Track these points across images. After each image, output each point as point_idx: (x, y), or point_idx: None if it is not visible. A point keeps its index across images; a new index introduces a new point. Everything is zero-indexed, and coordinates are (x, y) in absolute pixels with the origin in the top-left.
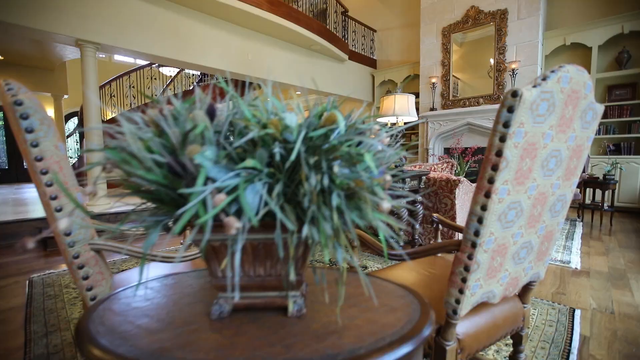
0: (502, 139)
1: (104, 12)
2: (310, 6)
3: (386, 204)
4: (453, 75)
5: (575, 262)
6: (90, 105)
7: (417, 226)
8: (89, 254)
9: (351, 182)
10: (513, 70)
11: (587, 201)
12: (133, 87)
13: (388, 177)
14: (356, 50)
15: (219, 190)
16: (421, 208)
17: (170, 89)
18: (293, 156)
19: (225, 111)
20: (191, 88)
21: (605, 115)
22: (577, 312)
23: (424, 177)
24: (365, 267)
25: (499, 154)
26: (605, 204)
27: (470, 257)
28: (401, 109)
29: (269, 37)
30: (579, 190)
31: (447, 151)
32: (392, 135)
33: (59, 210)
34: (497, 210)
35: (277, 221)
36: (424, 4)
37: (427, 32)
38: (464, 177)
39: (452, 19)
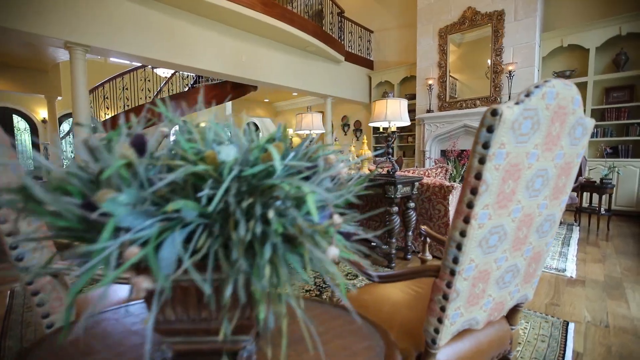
0: (482, 161)
1: (94, 14)
2: (305, 7)
3: (332, 252)
4: (451, 76)
5: (571, 270)
6: (79, 109)
7: (410, 233)
8: (44, 279)
9: (291, 228)
10: (510, 72)
11: (585, 204)
12: (127, 89)
13: (337, 220)
14: (353, 52)
15: (132, 241)
16: (414, 214)
17: (164, 91)
18: (216, 200)
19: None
20: (186, 89)
21: (602, 118)
22: (571, 326)
23: (416, 183)
24: (356, 276)
25: (478, 176)
26: (602, 208)
27: (449, 286)
28: (393, 113)
29: (263, 38)
30: (575, 194)
31: (444, 153)
32: (351, 166)
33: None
34: (477, 236)
35: (208, 272)
36: (421, 5)
37: (423, 33)
38: (460, 180)
39: (449, 20)
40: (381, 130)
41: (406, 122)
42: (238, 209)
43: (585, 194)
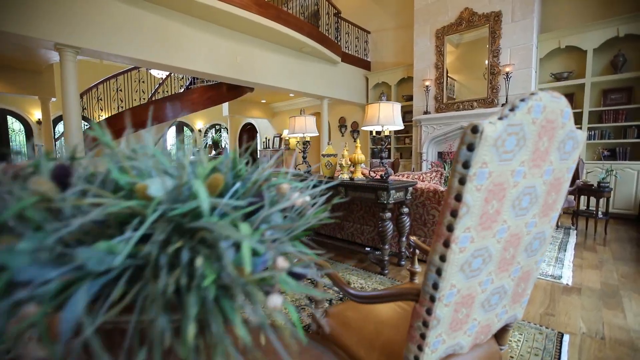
0: (462, 181)
1: (85, 15)
2: (301, 8)
3: (274, 301)
4: (449, 77)
5: (567, 277)
6: (70, 112)
7: (404, 239)
8: None
9: (226, 277)
10: (507, 73)
11: (583, 207)
12: (121, 90)
13: (281, 264)
14: (350, 52)
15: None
16: (408, 219)
17: (160, 92)
18: (126, 249)
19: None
20: (182, 91)
21: (600, 120)
22: (566, 338)
23: (410, 189)
24: (348, 283)
25: (458, 198)
26: (599, 212)
27: (429, 312)
28: (386, 117)
29: (258, 39)
30: (573, 197)
31: (441, 155)
32: (313, 195)
33: None
34: (458, 261)
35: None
36: (418, 5)
37: (420, 34)
38: None
39: (446, 21)
40: (374, 134)
41: (399, 126)
42: (162, 256)
43: (582, 197)
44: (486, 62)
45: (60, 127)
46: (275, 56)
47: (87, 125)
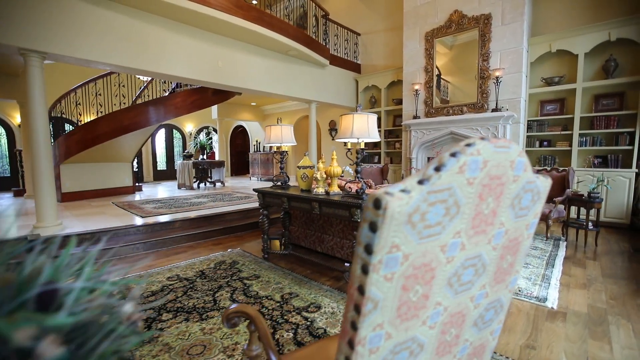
0: (365, 270)
1: (52, 18)
2: (286, 10)
3: None
4: (443, 79)
5: (553, 299)
6: (36, 120)
7: None
8: None
9: None
10: (497, 77)
11: (574, 214)
12: (100, 94)
13: None
14: (339, 55)
15: None
16: None
17: (143, 96)
18: None
19: None
20: (167, 94)
21: (591, 126)
22: None
23: None
24: (319, 307)
25: (362, 290)
26: (590, 223)
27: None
28: (360, 129)
29: (241, 42)
30: (563, 207)
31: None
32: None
33: None
34: None
35: None
36: (407, 7)
37: (410, 37)
38: None
39: (436, 24)
40: (349, 146)
41: (375, 139)
42: None
43: (573, 207)
44: (478, 65)
45: None
46: (259, 60)
47: (70, 127)
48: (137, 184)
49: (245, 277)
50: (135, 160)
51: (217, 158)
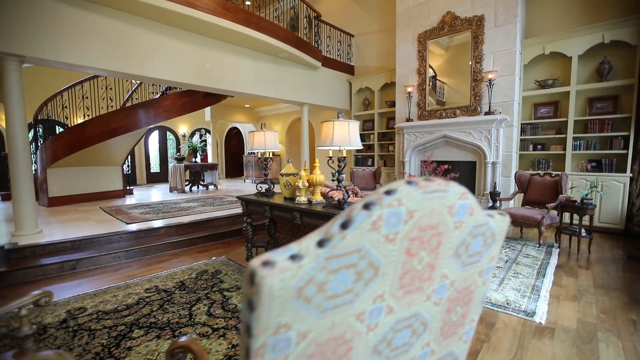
0: (247, 355)
1: (30, 21)
2: (276, 11)
3: None
4: (439, 80)
5: (541, 313)
6: (14, 126)
7: None
8: None
9: None
10: (490, 80)
11: (567, 219)
12: (87, 97)
13: None
14: (331, 57)
15: None
16: None
17: (132, 99)
18: None
19: None
20: (157, 97)
21: (585, 130)
22: None
23: None
24: None
25: None
26: (582, 230)
27: None
28: (340, 137)
29: (229, 45)
30: (556, 212)
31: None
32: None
33: None
34: None
35: None
36: (400, 9)
37: (402, 39)
38: None
39: (428, 25)
40: (330, 154)
41: (357, 147)
42: None
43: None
44: (471, 67)
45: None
46: (248, 62)
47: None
48: (128, 188)
49: (226, 289)
50: (128, 163)
51: (210, 160)
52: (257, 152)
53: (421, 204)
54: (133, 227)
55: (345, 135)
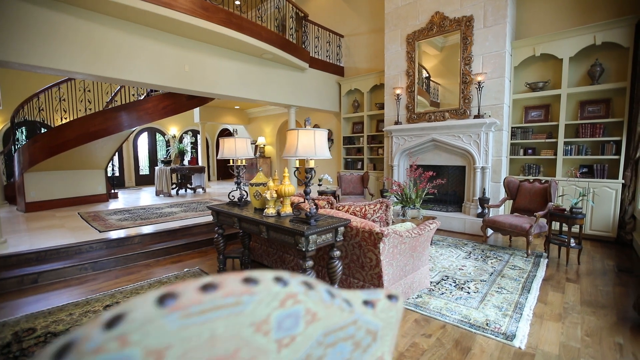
0: None
1: None
2: (258, 10)
3: None
4: (433, 81)
5: (522, 335)
6: None
7: (336, 286)
8: None
9: None
10: (479, 82)
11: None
12: (64, 99)
13: None
14: (320, 58)
15: None
16: (340, 264)
17: (114, 102)
18: None
19: None
20: (142, 98)
21: (577, 134)
22: None
23: (342, 228)
24: None
25: None
26: (572, 240)
27: None
28: (305, 147)
29: (210, 45)
30: (545, 221)
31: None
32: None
33: None
34: None
35: None
36: (388, 9)
37: (391, 39)
38: (419, 205)
39: (417, 26)
40: (297, 165)
41: (324, 157)
42: None
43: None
44: (460, 69)
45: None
46: (231, 64)
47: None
48: (112, 191)
49: None
50: (116, 165)
51: (200, 163)
52: (231, 160)
53: (182, 335)
54: (106, 235)
55: (310, 145)
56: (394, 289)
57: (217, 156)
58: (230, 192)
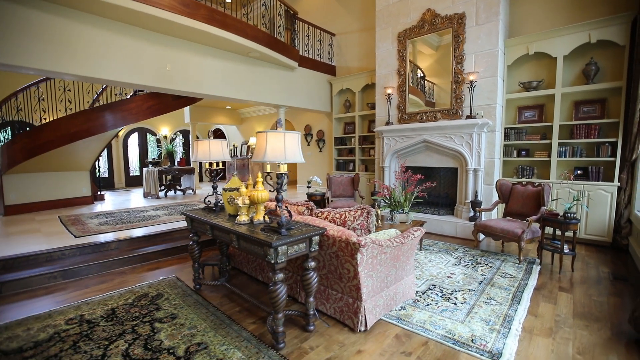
0: None
1: None
2: (244, 8)
3: None
4: (428, 80)
5: (509, 354)
6: None
7: (311, 299)
8: None
9: None
10: (471, 82)
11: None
12: (43, 99)
13: None
14: (310, 57)
15: None
16: (315, 276)
17: (98, 102)
18: None
19: None
20: (129, 96)
21: (571, 135)
22: None
23: (316, 238)
24: None
25: None
26: (565, 247)
27: None
28: (274, 151)
29: (193, 44)
30: (538, 225)
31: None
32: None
33: None
34: None
35: None
36: (379, 6)
37: (382, 38)
38: (408, 210)
39: (408, 23)
40: (268, 170)
41: (297, 160)
42: None
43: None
44: (452, 68)
45: None
46: (216, 62)
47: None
48: (99, 193)
49: (159, 319)
50: (105, 165)
51: (191, 164)
52: (205, 163)
53: None
54: (81, 241)
55: (279, 149)
56: (374, 301)
57: (191, 159)
58: (205, 197)
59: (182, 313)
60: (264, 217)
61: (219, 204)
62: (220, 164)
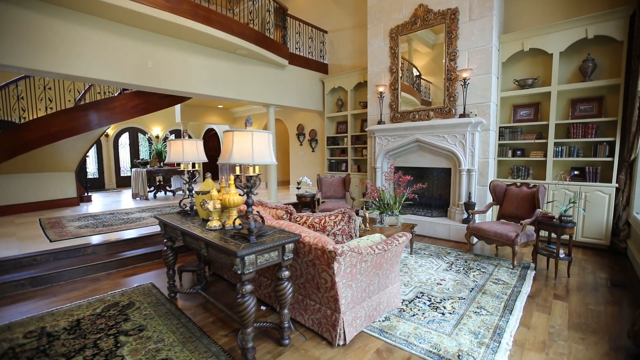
0: None
1: None
2: (229, 3)
3: None
4: (423, 79)
5: None
6: None
7: (286, 311)
8: None
9: None
10: (465, 79)
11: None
12: (22, 98)
13: None
14: (301, 54)
15: None
16: (290, 286)
17: (83, 100)
18: None
19: None
20: (117, 95)
21: (568, 134)
22: None
23: (289, 246)
24: None
25: None
26: (561, 251)
27: None
28: (240, 152)
29: (177, 40)
30: (533, 229)
31: (397, 171)
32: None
33: None
34: None
35: None
36: (371, 2)
37: (374, 34)
38: (398, 212)
39: (400, 20)
40: (237, 172)
41: (264, 163)
42: None
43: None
44: (445, 65)
45: None
46: (201, 60)
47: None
48: (85, 194)
49: (126, 331)
50: (95, 166)
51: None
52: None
53: None
54: (56, 245)
55: (247, 149)
56: (354, 313)
57: (165, 159)
58: (181, 200)
59: (151, 324)
60: (233, 222)
61: (194, 207)
62: (197, 165)
